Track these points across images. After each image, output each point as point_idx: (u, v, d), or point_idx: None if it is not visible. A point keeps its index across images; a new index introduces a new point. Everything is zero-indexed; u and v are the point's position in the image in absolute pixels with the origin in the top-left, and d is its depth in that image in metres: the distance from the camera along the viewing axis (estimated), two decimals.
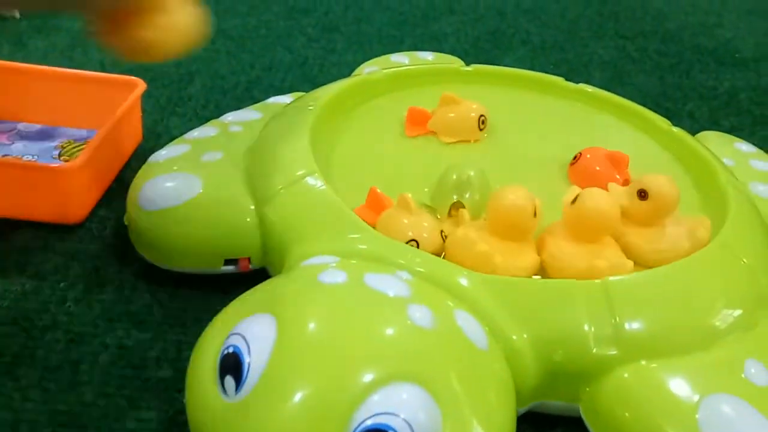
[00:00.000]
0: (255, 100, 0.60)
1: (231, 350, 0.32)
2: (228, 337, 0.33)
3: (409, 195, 0.42)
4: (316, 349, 0.31)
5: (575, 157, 0.50)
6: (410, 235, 0.41)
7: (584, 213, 0.41)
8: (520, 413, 0.38)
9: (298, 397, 0.30)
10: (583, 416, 0.38)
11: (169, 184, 0.46)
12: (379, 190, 0.44)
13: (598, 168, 0.49)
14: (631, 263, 0.41)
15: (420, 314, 0.34)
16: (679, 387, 0.36)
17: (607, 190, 0.44)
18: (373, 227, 0.42)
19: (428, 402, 0.30)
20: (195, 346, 0.35)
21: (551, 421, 0.39)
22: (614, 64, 0.82)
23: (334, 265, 0.37)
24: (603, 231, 0.42)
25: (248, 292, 0.36)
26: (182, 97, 0.69)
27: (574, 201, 0.42)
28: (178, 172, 0.47)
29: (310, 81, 0.73)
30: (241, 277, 0.45)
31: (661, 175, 0.44)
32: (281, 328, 0.32)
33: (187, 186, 0.45)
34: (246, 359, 0.31)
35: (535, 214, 0.40)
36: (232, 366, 0.31)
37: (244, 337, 0.32)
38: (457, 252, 0.41)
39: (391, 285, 0.35)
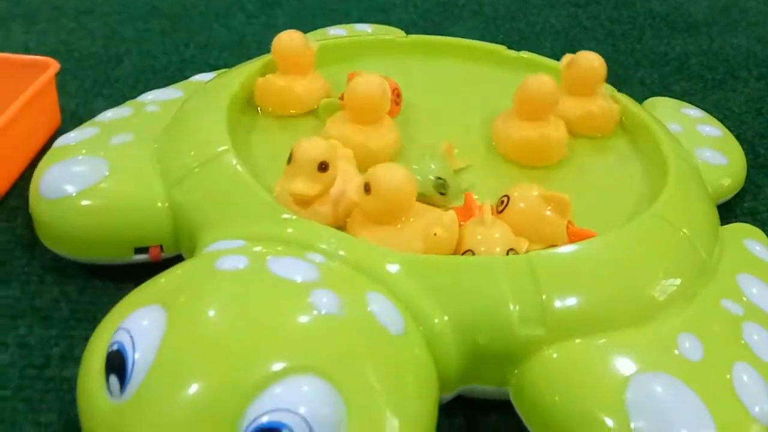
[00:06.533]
0: None
1: (115, 347, 0.29)
2: (114, 333, 0.30)
3: (491, 205, 0.39)
4: (206, 342, 0.29)
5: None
6: (482, 251, 0.37)
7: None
8: (447, 399, 0.36)
9: (184, 394, 0.27)
10: (513, 400, 0.35)
11: (71, 169, 0.43)
12: (474, 196, 0.41)
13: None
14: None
15: (325, 300, 0.31)
16: (609, 367, 0.33)
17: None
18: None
19: (331, 395, 0.28)
20: (86, 346, 0.32)
21: (485, 406, 0.37)
22: (566, 32, 0.79)
23: (236, 249, 0.34)
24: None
25: (143, 284, 0.34)
26: (109, 79, 0.65)
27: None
28: (84, 156, 0.44)
29: (247, 59, 0.70)
30: (157, 267, 0.42)
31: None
32: (171, 320, 0.29)
33: (91, 171, 0.42)
34: (130, 356, 0.29)
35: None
36: (116, 364, 0.29)
37: (129, 332, 0.29)
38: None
39: (297, 269, 0.33)
